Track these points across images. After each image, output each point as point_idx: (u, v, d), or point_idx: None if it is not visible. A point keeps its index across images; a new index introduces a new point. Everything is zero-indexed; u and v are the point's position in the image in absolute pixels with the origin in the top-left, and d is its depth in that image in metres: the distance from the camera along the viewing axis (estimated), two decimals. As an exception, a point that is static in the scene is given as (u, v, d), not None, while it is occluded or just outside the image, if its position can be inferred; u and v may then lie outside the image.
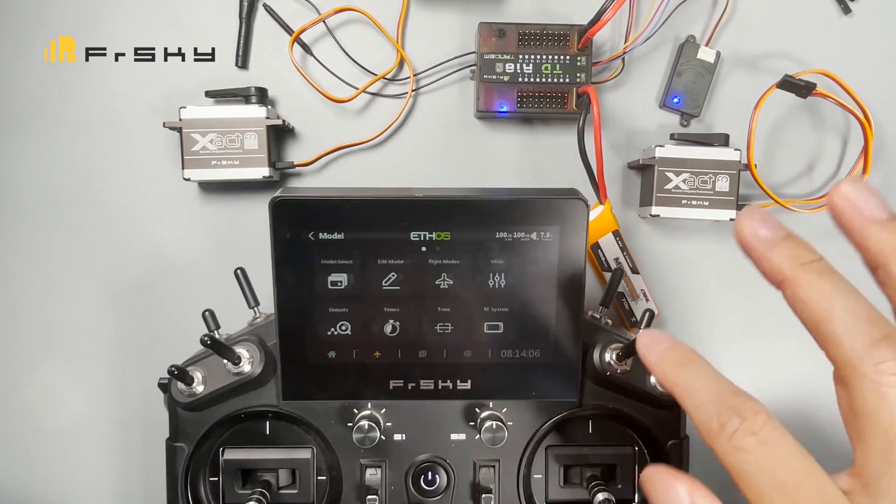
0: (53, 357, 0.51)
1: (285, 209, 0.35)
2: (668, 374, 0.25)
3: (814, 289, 0.22)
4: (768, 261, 0.23)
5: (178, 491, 0.38)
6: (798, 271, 0.23)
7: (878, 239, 0.22)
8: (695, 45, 0.50)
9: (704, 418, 0.22)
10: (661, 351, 0.25)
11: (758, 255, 0.24)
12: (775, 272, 0.23)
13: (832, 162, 0.52)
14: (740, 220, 0.24)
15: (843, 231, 0.23)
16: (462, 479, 0.39)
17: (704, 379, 0.23)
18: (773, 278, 0.23)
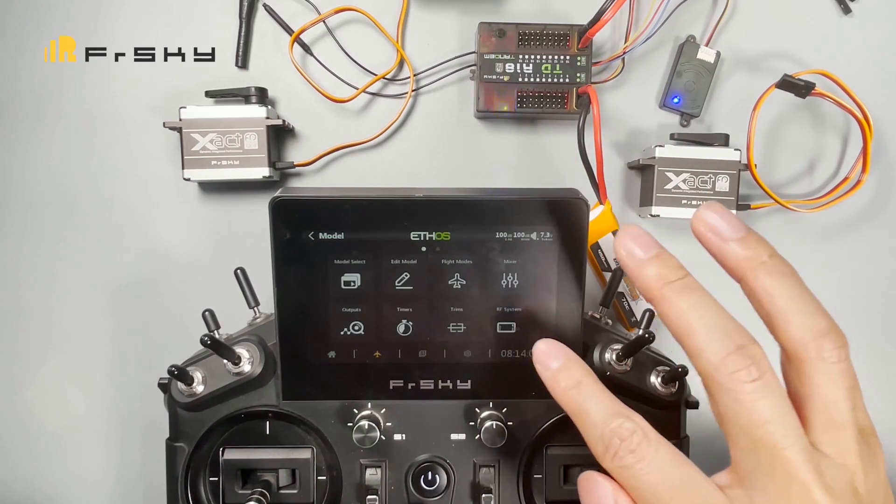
0: (53, 357, 0.51)
1: (285, 209, 0.35)
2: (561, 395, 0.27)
3: (675, 307, 0.25)
4: (639, 280, 0.26)
5: (178, 491, 0.38)
6: (663, 290, 0.25)
7: (735, 256, 0.25)
8: (695, 45, 0.50)
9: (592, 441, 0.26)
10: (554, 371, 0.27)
11: (631, 274, 0.26)
12: (645, 291, 0.26)
13: (832, 161, 0.52)
14: (618, 239, 0.26)
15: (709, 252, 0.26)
16: (462, 479, 0.39)
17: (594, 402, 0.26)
18: (645, 296, 0.26)
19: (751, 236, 0.25)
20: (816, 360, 0.24)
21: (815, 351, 0.24)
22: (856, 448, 0.24)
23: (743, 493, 0.24)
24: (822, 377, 0.24)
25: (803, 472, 0.23)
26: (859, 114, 0.47)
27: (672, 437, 0.39)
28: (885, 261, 0.52)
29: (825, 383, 0.24)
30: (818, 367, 0.24)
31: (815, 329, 0.24)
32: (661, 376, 0.38)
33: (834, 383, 0.24)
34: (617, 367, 0.38)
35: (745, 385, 0.23)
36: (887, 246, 0.52)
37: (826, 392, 0.24)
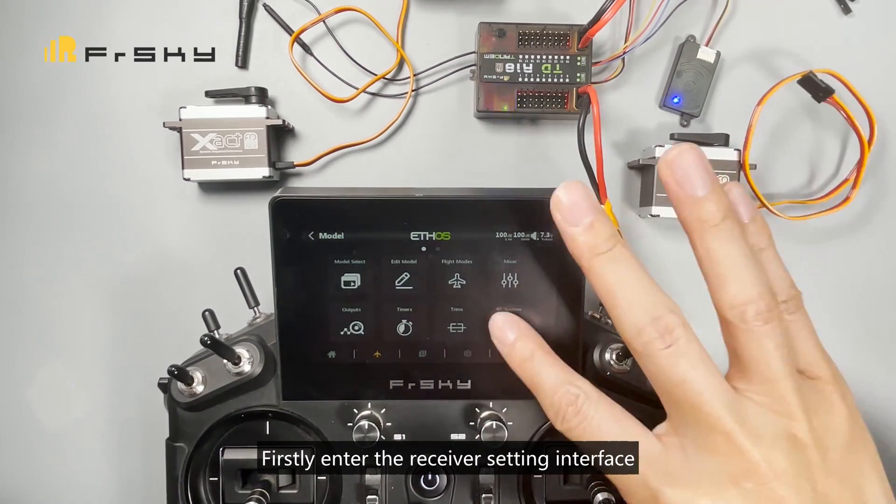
0: (53, 357, 0.51)
1: (285, 209, 0.35)
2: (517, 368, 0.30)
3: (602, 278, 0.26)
4: (571, 247, 0.27)
5: (178, 491, 0.38)
6: (592, 261, 0.26)
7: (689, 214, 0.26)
8: (695, 45, 0.50)
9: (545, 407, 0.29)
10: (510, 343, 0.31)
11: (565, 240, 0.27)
12: (576, 259, 0.27)
13: (832, 162, 0.52)
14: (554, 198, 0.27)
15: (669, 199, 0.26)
16: (462, 479, 0.39)
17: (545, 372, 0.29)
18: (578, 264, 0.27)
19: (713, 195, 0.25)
20: (740, 323, 0.25)
21: (740, 316, 0.25)
22: (794, 398, 0.25)
23: (676, 440, 0.26)
24: (746, 338, 0.25)
25: (725, 421, 0.24)
26: (865, 127, 0.47)
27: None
28: (880, 265, 0.52)
29: (751, 344, 0.25)
30: (742, 329, 0.25)
31: (744, 295, 0.25)
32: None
33: (759, 344, 0.25)
34: (617, 367, 0.38)
35: (661, 351, 0.25)
36: (881, 250, 0.52)
37: (753, 351, 0.25)
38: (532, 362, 0.29)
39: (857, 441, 0.26)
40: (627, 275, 0.26)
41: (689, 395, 0.25)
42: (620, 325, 0.26)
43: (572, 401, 0.27)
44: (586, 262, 0.26)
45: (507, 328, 0.31)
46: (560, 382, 0.28)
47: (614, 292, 0.26)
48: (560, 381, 0.28)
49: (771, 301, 0.25)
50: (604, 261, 0.26)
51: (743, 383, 0.26)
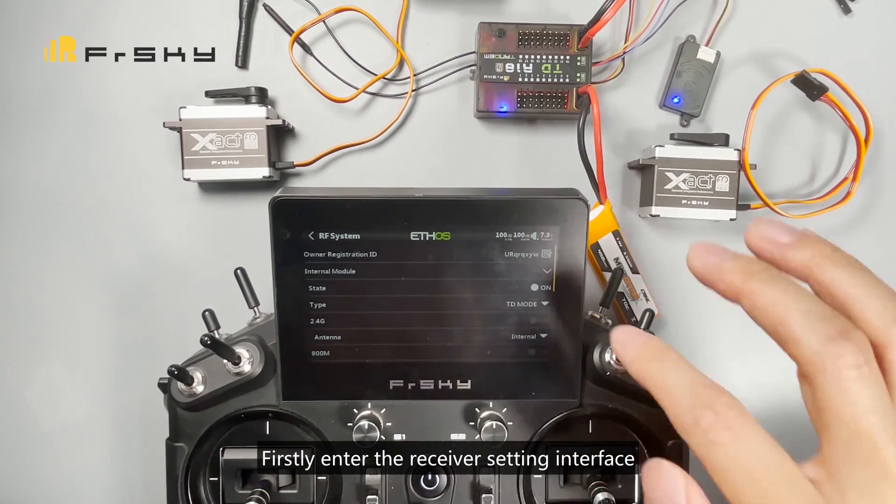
0: (53, 357, 0.51)
1: (285, 209, 0.35)
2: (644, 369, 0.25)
3: (767, 295, 0.23)
4: (722, 282, 0.25)
5: (178, 491, 0.38)
6: (750, 283, 0.24)
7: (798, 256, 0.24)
8: (695, 45, 0.50)
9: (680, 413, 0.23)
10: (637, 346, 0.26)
11: (712, 281, 0.25)
12: (730, 289, 0.25)
13: (832, 161, 0.52)
14: (691, 259, 0.26)
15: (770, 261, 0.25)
16: (462, 479, 0.39)
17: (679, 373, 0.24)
18: (730, 295, 0.25)
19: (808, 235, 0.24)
20: None
21: None
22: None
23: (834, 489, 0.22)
24: None
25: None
26: (861, 125, 0.47)
27: (672, 438, 0.39)
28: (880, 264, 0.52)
29: None
30: None
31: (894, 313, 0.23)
32: (661, 376, 0.38)
33: None
34: (617, 367, 0.38)
35: (851, 371, 0.22)
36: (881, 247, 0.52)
37: None
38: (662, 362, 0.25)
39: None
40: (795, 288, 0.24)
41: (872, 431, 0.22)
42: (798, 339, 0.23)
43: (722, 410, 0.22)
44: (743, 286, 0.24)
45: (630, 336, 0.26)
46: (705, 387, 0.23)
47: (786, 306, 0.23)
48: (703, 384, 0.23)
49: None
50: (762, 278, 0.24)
51: None
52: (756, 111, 0.47)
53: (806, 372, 0.23)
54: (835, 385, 0.22)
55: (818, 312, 0.23)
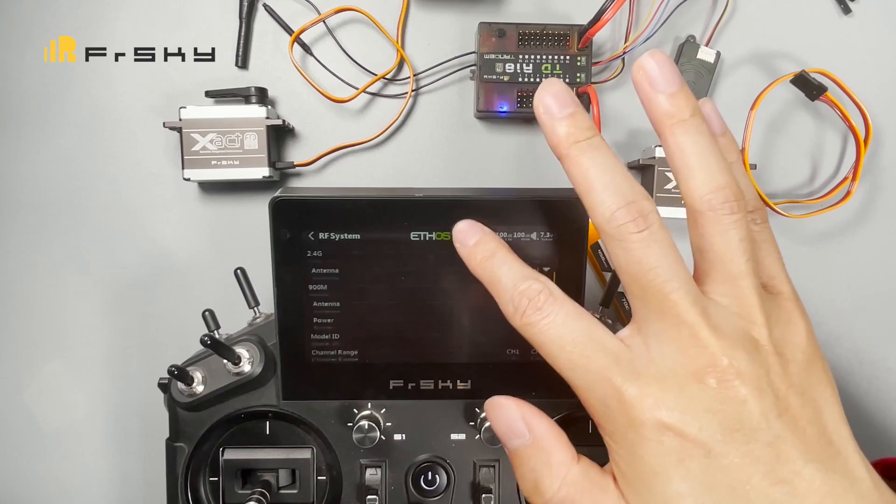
0: (53, 357, 0.51)
1: (285, 209, 0.35)
2: (476, 266, 0.28)
3: (578, 164, 0.26)
4: (550, 137, 0.27)
5: (178, 491, 0.38)
6: (570, 149, 0.26)
7: (659, 108, 0.26)
8: (695, 45, 0.50)
9: (504, 303, 0.27)
10: (471, 246, 0.29)
11: (545, 130, 0.27)
12: (554, 148, 0.27)
13: (832, 161, 0.52)
14: (537, 94, 0.27)
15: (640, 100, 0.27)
16: (462, 479, 0.39)
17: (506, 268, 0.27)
18: (555, 153, 0.27)
19: (681, 93, 0.26)
20: (708, 211, 0.25)
21: (708, 203, 0.25)
22: (755, 301, 0.25)
23: (639, 339, 0.25)
24: (712, 227, 0.25)
25: (690, 313, 0.24)
26: (860, 125, 0.47)
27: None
28: (880, 262, 0.52)
29: (716, 234, 0.25)
30: (709, 218, 0.25)
31: (712, 184, 0.25)
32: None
33: (725, 234, 0.25)
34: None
35: (633, 235, 0.24)
36: (883, 248, 0.52)
37: (717, 242, 0.25)
38: (493, 259, 0.28)
39: (816, 360, 0.26)
40: (605, 161, 0.26)
41: (657, 282, 0.24)
42: (594, 209, 0.25)
43: (534, 295, 0.26)
44: (565, 150, 0.26)
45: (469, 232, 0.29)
46: (521, 277, 0.27)
47: (590, 177, 0.25)
48: (521, 276, 0.27)
49: (738, 192, 0.25)
50: (582, 148, 0.26)
51: (706, 283, 0.26)
52: (755, 111, 0.47)
53: (602, 238, 0.26)
54: (621, 248, 0.25)
55: (615, 185, 0.25)
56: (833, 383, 0.26)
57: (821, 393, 0.25)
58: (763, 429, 0.23)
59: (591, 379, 0.25)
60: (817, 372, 0.25)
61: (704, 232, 0.25)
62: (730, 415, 0.23)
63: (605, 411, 0.25)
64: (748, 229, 0.25)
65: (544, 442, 0.27)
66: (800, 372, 0.25)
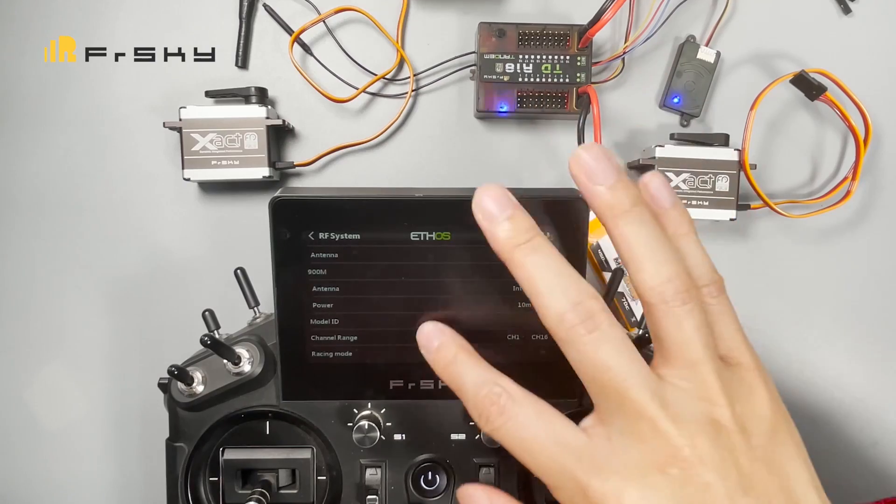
0: (53, 357, 0.51)
1: (285, 209, 0.35)
2: (441, 374, 0.29)
3: (522, 268, 0.26)
4: (492, 241, 0.27)
5: (178, 491, 0.38)
6: (513, 253, 0.26)
7: (601, 201, 0.27)
8: (695, 45, 0.50)
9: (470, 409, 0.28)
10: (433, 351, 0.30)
11: (486, 234, 0.27)
12: (497, 252, 0.27)
13: (832, 160, 0.52)
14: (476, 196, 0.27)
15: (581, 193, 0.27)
16: (462, 480, 0.39)
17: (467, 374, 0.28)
18: (499, 257, 0.27)
19: (619, 184, 0.26)
20: (661, 304, 0.25)
21: (659, 296, 0.25)
22: (715, 383, 0.25)
23: (602, 430, 0.25)
24: (667, 319, 0.25)
25: (649, 407, 0.24)
26: (860, 125, 0.47)
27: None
28: (880, 262, 0.52)
29: (671, 326, 0.25)
30: (662, 311, 0.25)
31: (660, 276, 0.25)
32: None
33: (680, 325, 0.25)
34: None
35: (584, 337, 0.25)
36: (882, 247, 0.52)
37: (673, 333, 0.25)
38: (455, 364, 0.29)
39: (781, 428, 0.26)
40: (547, 262, 0.26)
41: (614, 381, 0.24)
42: (543, 312, 0.26)
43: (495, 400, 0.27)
44: (507, 255, 0.26)
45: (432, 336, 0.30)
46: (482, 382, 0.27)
47: (535, 280, 0.26)
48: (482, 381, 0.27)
49: (688, 281, 0.25)
50: (524, 251, 0.26)
51: (665, 369, 0.26)
52: (755, 111, 0.47)
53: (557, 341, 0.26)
54: (573, 350, 0.25)
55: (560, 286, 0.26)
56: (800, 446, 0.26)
57: (788, 460, 0.25)
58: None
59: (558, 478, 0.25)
60: (783, 439, 0.26)
61: (659, 323, 0.26)
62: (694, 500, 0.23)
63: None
64: (702, 314, 0.26)
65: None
66: (764, 443, 0.25)
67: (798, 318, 0.51)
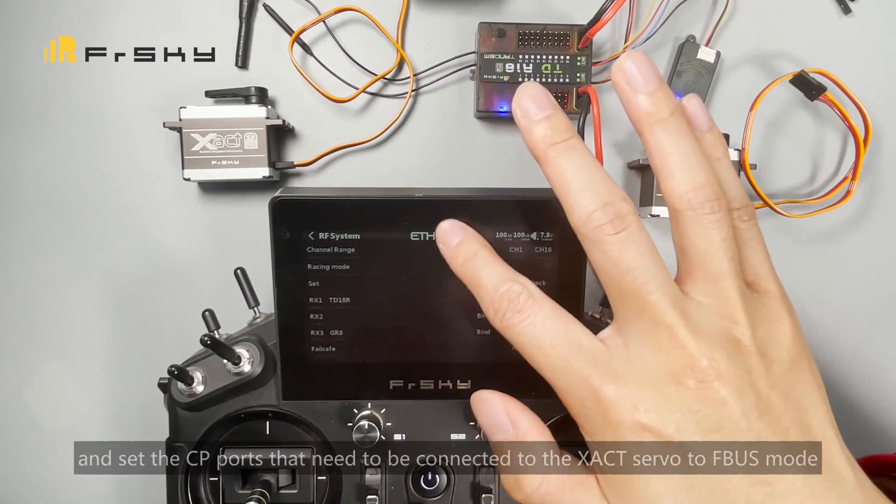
0: (53, 357, 0.51)
1: (285, 209, 0.35)
2: (459, 269, 0.29)
3: (556, 167, 0.26)
4: (528, 139, 0.27)
5: (178, 491, 0.38)
6: (547, 151, 0.26)
7: (638, 108, 0.26)
8: (695, 45, 0.50)
9: (486, 306, 0.27)
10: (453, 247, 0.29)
11: (522, 132, 0.27)
12: (532, 150, 0.27)
13: (833, 160, 0.52)
14: (515, 96, 0.27)
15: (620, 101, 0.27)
16: (462, 479, 0.39)
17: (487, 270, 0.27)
18: (533, 155, 0.27)
19: (660, 92, 0.26)
20: (688, 210, 0.25)
21: (688, 203, 0.25)
22: (737, 301, 0.25)
23: (619, 340, 0.25)
24: (693, 227, 0.25)
25: (668, 314, 0.24)
26: (860, 125, 0.47)
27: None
28: (881, 262, 0.52)
29: (697, 233, 0.25)
30: (689, 217, 0.25)
31: (692, 182, 0.25)
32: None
33: (706, 234, 0.25)
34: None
35: (610, 237, 0.24)
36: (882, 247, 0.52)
37: (698, 242, 0.25)
38: (474, 261, 0.28)
39: (802, 359, 0.25)
40: (581, 162, 0.26)
41: (635, 283, 0.24)
42: (571, 211, 0.25)
43: (514, 297, 0.26)
44: (541, 153, 0.26)
45: (452, 233, 0.29)
46: (502, 280, 0.27)
47: (567, 178, 0.25)
48: (502, 279, 0.27)
49: (719, 191, 0.25)
50: (559, 150, 0.26)
51: (688, 283, 0.25)
52: (755, 111, 0.47)
53: (580, 240, 0.26)
54: (598, 250, 0.25)
55: (592, 185, 0.25)
56: (820, 383, 0.25)
57: (806, 393, 0.25)
58: (743, 430, 0.23)
59: (570, 380, 0.25)
60: (803, 372, 0.25)
61: (685, 231, 0.25)
62: (709, 416, 0.23)
63: (584, 412, 0.25)
64: (730, 228, 0.25)
65: (527, 437, 0.27)
66: (784, 372, 0.24)
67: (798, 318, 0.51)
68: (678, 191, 0.25)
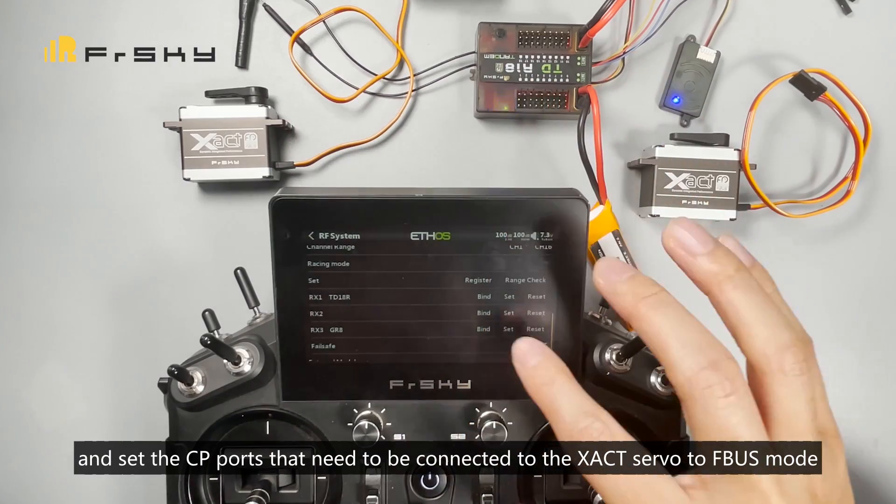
0: (53, 357, 0.51)
1: (285, 209, 0.35)
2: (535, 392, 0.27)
3: (651, 322, 0.25)
4: (616, 303, 0.27)
5: (178, 491, 0.38)
6: (638, 307, 0.26)
7: (702, 270, 0.26)
8: (695, 45, 0.50)
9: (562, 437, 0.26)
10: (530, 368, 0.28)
11: (607, 296, 0.27)
12: (623, 311, 0.26)
13: (833, 160, 0.52)
14: (595, 276, 0.27)
15: (679, 266, 0.27)
16: (462, 479, 0.39)
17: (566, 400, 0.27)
18: (623, 316, 0.27)
19: (718, 250, 0.26)
20: (778, 372, 0.24)
21: (777, 364, 0.24)
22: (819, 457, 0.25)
23: (705, 495, 0.24)
24: (783, 389, 0.25)
25: (764, 482, 0.24)
26: (860, 125, 0.47)
27: (672, 437, 0.39)
28: (881, 262, 0.52)
29: (786, 396, 0.25)
30: (779, 380, 0.24)
31: (777, 342, 0.24)
32: (661, 376, 0.38)
33: (796, 395, 0.25)
34: (616, 367, 0.38)
35: (719, 400, 0.24)
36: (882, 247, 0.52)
37: (787, 404, 0.25)
38: (551, 387, 0.27)
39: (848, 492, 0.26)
40: (677, 316, 0.25)
41: None
42: (674, 366, 0.25)
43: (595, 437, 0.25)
44: (632, 310, 0.26)
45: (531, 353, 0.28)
46: (581, 414, 0.26)
47: (666, 334, 0.25)
48: (581, 413, 0.26)
49: (807, 349, 0.25)
50: (650, 304, 0.26)
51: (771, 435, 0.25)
52: (755, 111, 0.47)
53: (681, 396, 0.25)
54: (703, 411, 0.24)
55: (695, 342, 0.25)
56: None
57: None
58: None
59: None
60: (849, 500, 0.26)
61: (772, 391, 0.25)
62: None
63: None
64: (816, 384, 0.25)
65: None
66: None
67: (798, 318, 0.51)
68: (764, 351, 0.25)
